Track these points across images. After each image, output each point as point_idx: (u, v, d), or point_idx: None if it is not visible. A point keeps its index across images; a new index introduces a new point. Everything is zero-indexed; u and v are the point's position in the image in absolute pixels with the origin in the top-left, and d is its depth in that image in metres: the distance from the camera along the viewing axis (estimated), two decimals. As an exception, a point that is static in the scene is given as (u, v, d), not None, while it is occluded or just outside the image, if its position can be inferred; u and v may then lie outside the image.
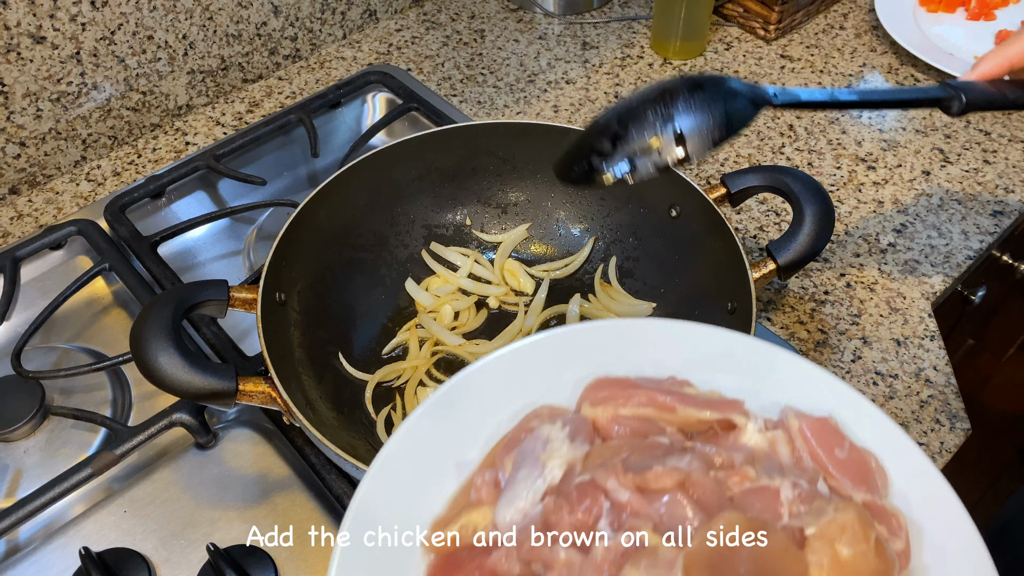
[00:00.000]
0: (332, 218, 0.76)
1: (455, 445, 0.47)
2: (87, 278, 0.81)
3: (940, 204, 0.92)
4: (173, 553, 0.65)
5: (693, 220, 0.75)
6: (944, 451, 0.73)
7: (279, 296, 0.70)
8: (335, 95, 0.99)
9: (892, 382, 0.77)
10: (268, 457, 0.71)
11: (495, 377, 0.48)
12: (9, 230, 0.89)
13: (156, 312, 0.61)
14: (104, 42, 0.90)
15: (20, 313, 0.82)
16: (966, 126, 1.00)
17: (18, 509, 0.65)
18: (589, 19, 1.15)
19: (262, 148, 0.96)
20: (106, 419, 0.71)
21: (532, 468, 0.43)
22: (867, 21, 1.14)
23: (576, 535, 0.40)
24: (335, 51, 1.09)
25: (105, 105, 0.94)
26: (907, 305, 0.83)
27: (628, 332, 0.50)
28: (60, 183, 0.94)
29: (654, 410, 0.45)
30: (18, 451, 0.72)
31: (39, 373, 0.73)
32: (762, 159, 0.97)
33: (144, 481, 0.69)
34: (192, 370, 0.59)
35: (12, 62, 0.85)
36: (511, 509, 0.43)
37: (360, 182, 0.77)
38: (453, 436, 0.47)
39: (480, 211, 0.85)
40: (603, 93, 1.04)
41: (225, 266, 0.90)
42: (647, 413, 0.46)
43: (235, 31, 1.00)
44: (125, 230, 0.85)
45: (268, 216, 0.92)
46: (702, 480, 0.42)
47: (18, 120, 0.88)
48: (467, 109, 1.02)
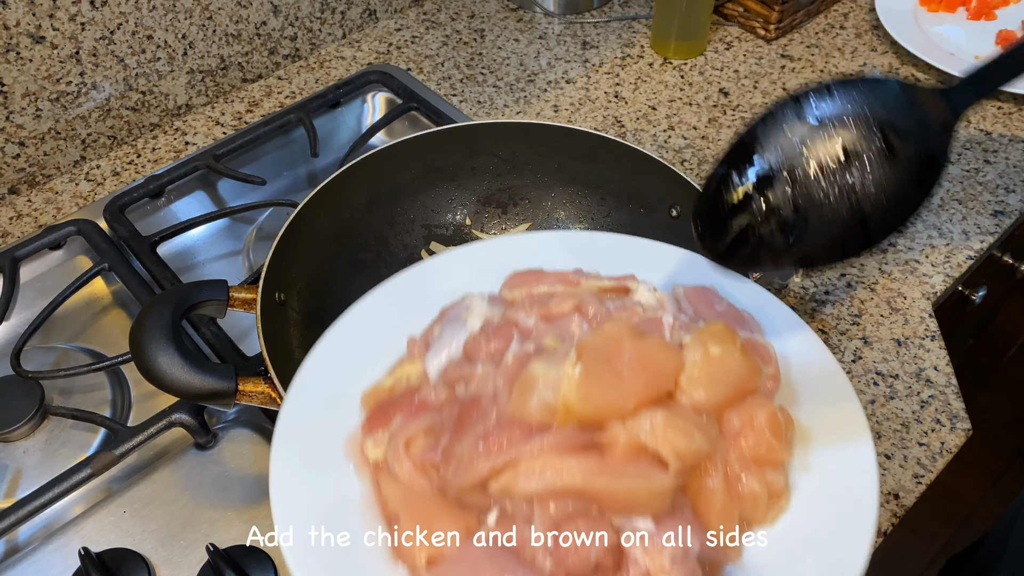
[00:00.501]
0: (332, 218, 0.76)
1: (396, 326, 0.54)
2: (86, 278, 0.80)
3: (941, 204, 0.92)
4: (173, 553, 0.65)
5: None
6: (945, 451, 0.72)
7: (279, 296, 0.70)
8: (335, 95, 0.99)
9: (893, 382, 0.77)
10: (268, 457, 0.70)
11: (433, 275, 0.58)
12: (8, 230, 0.89)
13: (155, 312, 0.61)
14: (103, 42, 0.90)
15: (19, 313, 0.82)
16: (966, 126, 1.00)
17: (17, 509, 0.65)
18: (589, 19, 1.15)
19: (262, 148, 0.96)
20: (105, 419, 0.71)
21: (456, 325, 0.51)
22: (867, 21, 1.14)
23: (492, 359, 0.48)
24: (335, 51, 1.09)
25: (104, 105, 0.94)
26: (908, 305, 0.83)
27: (548, 240, 0.60)
28: (59, 183, 0.94)
29: (561, 286, 0.54)
30: (17, 451, 0.72)
31: (38, 373, 0.73)
32: (762, 159, 0.96)
33: (144, 481, 0.69)
34: (191, 370, 0.59)
35: (11, 62, 0.85)
36: (438, 358, 0.50)
37: (360, 182, 0.77)
38: (396, 319, 0.54)
39: (480, 211, 0.84)
40: (603, 93, 1.04)
41: (224, 266, 0.90)
42: (555, 289, 0.54)
43: (234, 31, 1.00)
44: (124, 230, 0.85)
45: (268, 216, 0.91)
46: (597, 306, 0.51)
47: (17, 120, 0.88)
48: (467, 109, 1.02)
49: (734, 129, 1.00)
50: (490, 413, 0.46)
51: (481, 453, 0.44)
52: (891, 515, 0.69)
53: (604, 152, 0.79)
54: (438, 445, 0.47)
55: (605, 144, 0.78)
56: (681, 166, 0.96)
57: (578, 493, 0.44)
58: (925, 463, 0.72)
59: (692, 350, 0.46)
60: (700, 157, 0.97)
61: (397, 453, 0.48)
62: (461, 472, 0.45)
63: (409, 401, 0.50)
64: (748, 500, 0.46)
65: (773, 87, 1.05)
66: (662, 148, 0.98)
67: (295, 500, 0.48)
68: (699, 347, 0.46)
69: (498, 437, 0.44)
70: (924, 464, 0.72)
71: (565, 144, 0.80)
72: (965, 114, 0.44)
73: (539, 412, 0.44)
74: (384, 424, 0.50)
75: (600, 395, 0.44)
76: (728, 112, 1.02)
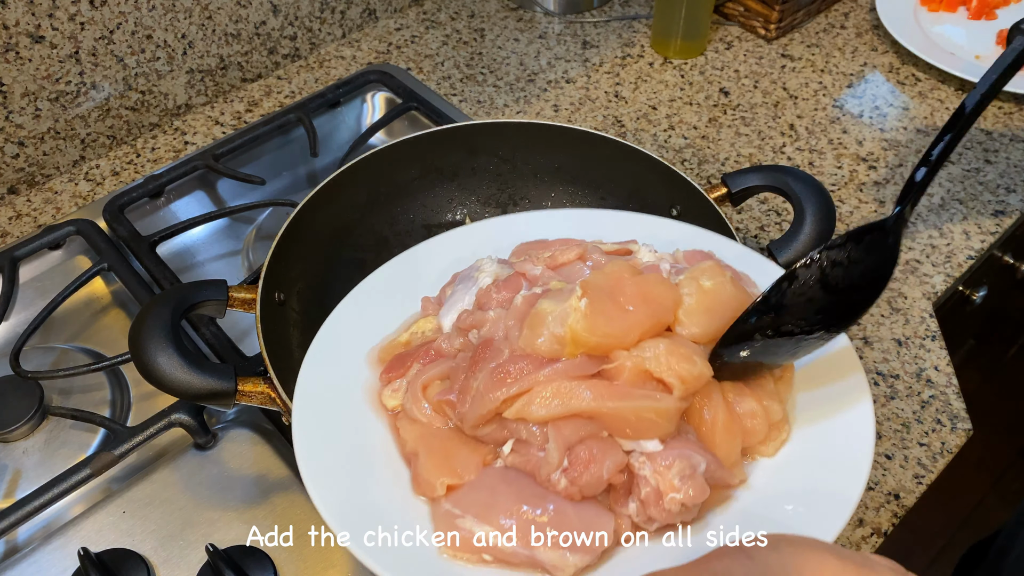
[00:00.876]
0: (332, 218, 0.76)
1: (407, 295, 0.58)
2: (86, 278, 0.80)
3: (941, 204, 0.92)
4: (172, 554, 0.65)
5: (694, 220, 0.75)
6: (945, 451, 0.72)
7: (278, 296, 0.69)
8: (334, 94, 0.99)
9: (893, 382, 0.77)
10: (267, 457, 0.70)
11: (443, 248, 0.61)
12: (8, 230, 0.89)
13: (155, 312, 0.60)
14: (103, 41, 0.90)
15: (19, 313, 0.82)
16: (967, 125, 1.00)
17: (17, 509, 0.65)
18: (589, 18, 1.15)
19: (261, 148, 0.96)
20: (105, 419, 0.71)
21: (468, 283, 0.55)
22: (868, 20, 1.14)
23: (502, 306, 0.51)
24: (334, 50, 1.09)
25: (104, 104, 0.94)
26: (908, 305, 0.83)
27: (555, 216, 0.64)
28: (59, 183, 0.94)
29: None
30: (17, 451, 0.72)
31: (38, 373, 0.73)
32: (763, 158, 0.96)
33: (143, 482, 0.69)
34: (191, 370, 0.59)
35: (11, 61, 0.85)
36: (451, 312, 0.53)
37: (360, 182, 0.77)
38: (412, 282, 0.58)
39: (480, 211, 0.84)
40: (603, 92, 1.04)
41: (224, 266, 0.90)
42: None
43: (234, 30, 1.00)
44: (124, 230, 0.85)
45: (267, 216, 0.91)
46: (598, 255, 0.55)
47: (17, 120, 0.88)
48: (467, 108, 1.02)
49: (734, 129, 0.99)
50: (503, 350, 0.48)
51: (495, 384, 0.47)
52: (891, 515, 0.69)
53: (604, 152, 0.79)
54: (454, 389, 0.49)
55: (605, 144, 0.78)
56: (681, 166, 0.95)
57: (589, 415, 0.46)
58: (926, 463, 0.72)
59: (686, 285, 0.50)
60: (700, 157, 0.96)
61: (415, 396, 0.50)
62: (477, 404, 0.47)
63: (425, 351, 0.53)
64: (748, 421, 0.49)
65: (773, 87, 1.05)
66: (662, 148, 0.97)
67: (317, 448, 0.49)
68: (692, 282, 0.50)
69: (511, 369, 0.47)
70: (925, 464, 0.72)
71: (565, 144, 0.80)
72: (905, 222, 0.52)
73: (549, 345, 0.47)
74: (401, 373, 0.52)
75: (606, 325, 0.46)
76: (728, 112, 1.02)
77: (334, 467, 0.49)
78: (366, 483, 0.49)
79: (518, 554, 0.45)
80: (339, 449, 0.50)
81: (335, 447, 0.50)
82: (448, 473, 0.47)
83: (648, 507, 0.46)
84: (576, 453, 0.46)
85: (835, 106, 1.03)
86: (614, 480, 0.46)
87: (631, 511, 0.46)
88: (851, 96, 1.04)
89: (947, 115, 1.01)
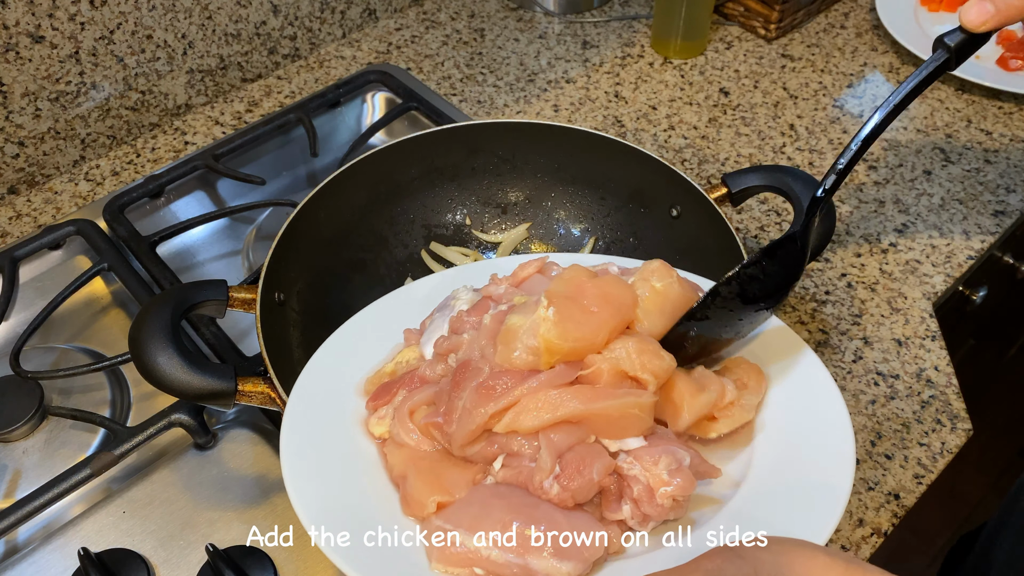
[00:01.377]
0: (332, 218, 0.76)
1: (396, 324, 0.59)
2: (86, 278, 0.80)
3: (941, 204, 0.92)
4: (172, 554, 0.65)
5: (694, 220, 0.75)
6: (945, 451, 0.72)
7: (278, 296, 0.69)
8: (334, 94, 0.99)
9: (893, 382, 0.77)
10: (267, 457, 0.70)
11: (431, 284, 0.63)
12: (8, 230, 0.89)
13: (155, 312, 0.60)
14: (103, 41, 0.90)
15: (19, 313, 0.82)
16: (967, 125, 1.00)
17: (17, 510, 0.65)
18: (589, 18, 1.15)
19: (261, 148, 0.96)
20: (105, 419, 0.71)
21: (445, 312, 0.57)
22: (868, 20, 1.14)
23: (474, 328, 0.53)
24: (334, 50, 1.09)
25: (104, 104, 0.94)
26: (908, 305, 0.83)
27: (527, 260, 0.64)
28: (59, 183, 0.94)
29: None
30: (17, 451, 0.72)
31: (38, 373, 0.73)
32: (763, 158, 0.96)
33: (143, 482, 0.69)
34: (191, 370, 0.59)
35: (11, 61, 0.85)
36: (432, 340, 0.55)
37: (360, 182, 0.77)
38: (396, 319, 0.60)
39: (480, 211, 0.84)
40: (603, 92, 1.04)
41: (224, 266, 0.90)
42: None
43: (234, 30, 1.00)
44: (124, 230, 0.85)
45: (267, 216, 0.91)
46: (557, 268, 0.57)
47: (17, 120, 0.88)
48: (467, 108, 1.02)
49: (734, 129, 0.99)
50: (482, 368, 0.50)
51: (482, 399, 0.48)
52: (891, 515, 0.69)
53: (604, 152, 0.79)
54: (439, 413, 0.51)
55: (605, 144, 0.78)
56: (681, 166, 0.95)
57: (578, 419, 0.48)
58: (926, 463, 0.72)
59: (640, 286, 0.53)
60: (700, 157, 0.96)
61: (403, 420, 0.52)
62: (464, 421, 0.48)
63: (410, 378, 0.54)
64: (701, 380, 0.52)
65: (773, 87, 1.05)
66: (662, 148, 0.98)
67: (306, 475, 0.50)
68: (644, 283, 0.53)
69: (496, 384, 0.48)
70: (925, 464, 0.72)
71: (565, 144, 0.80)
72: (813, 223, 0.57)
73: (525, 357, 0.49)
74: (387, 401, 0.53)
75: (576, 330, 0.49)
76: (728, 112, 1.02)
77: (326, 496, 0.49)
78: (357, 508, 0.49)
79: (511, 564, 0.45)
80: (329, 476, 0.50)
81: (325, 474, 0.50)
82: (439, 491, 0.48)
83: (642, 504, 0.47)
84: (566, 460, 0.47)
85: (835, 106, 1.03)
86: (604, 483, 0.48)
87: (625, 514, 0.48)
88: (851, 96, 1.04)
89: (947, 115, 1.02)
